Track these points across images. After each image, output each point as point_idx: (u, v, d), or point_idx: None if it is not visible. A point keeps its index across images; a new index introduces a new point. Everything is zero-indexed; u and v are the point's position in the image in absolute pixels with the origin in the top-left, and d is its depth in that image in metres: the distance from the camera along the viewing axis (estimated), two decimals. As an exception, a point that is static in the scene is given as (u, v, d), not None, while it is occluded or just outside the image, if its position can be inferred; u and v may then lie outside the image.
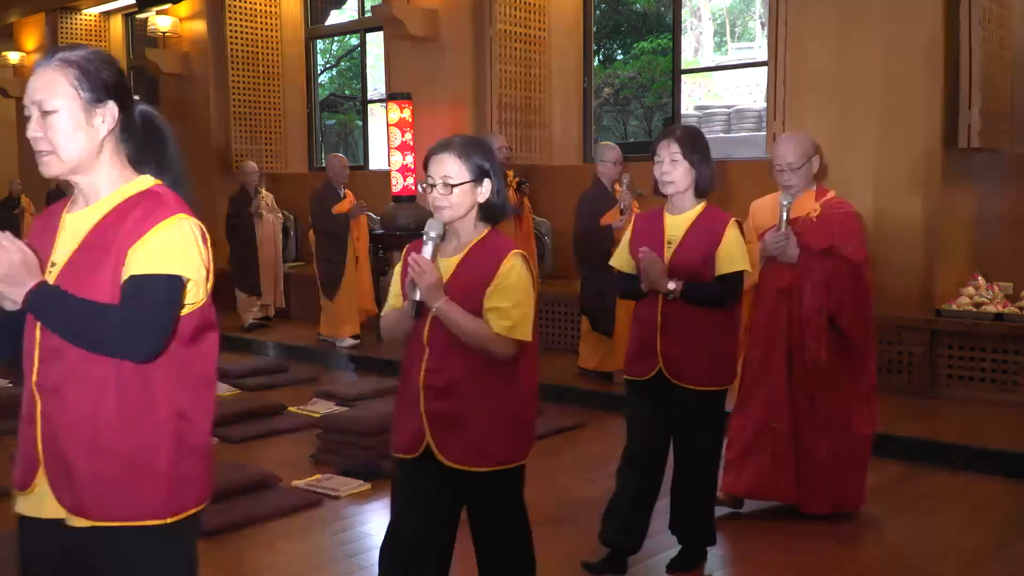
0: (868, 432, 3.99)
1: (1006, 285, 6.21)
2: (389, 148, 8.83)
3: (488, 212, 2.59)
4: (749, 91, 12.05)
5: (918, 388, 5.95)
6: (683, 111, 9.20)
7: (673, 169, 3.30)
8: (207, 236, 1.92)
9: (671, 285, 3.26)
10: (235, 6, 10.58)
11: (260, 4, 10.81)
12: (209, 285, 1.92)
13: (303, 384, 7.02)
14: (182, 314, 1.86)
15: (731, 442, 4.04)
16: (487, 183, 2.55)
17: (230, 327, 8.83)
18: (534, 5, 8.51)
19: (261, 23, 10.82)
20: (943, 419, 5.34)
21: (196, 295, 1.88)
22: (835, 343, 3.89)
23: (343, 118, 14.54)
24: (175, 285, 1.83)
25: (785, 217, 3.85)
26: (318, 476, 4.68)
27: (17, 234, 1.81)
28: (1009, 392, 5.67)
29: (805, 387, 3.91)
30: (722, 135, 11.09)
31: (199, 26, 10.83)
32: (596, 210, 6.24)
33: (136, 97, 2.00)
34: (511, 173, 7.07)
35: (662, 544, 3.72)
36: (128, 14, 12.81)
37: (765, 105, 7.60)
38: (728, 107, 11.32)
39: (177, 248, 1.83)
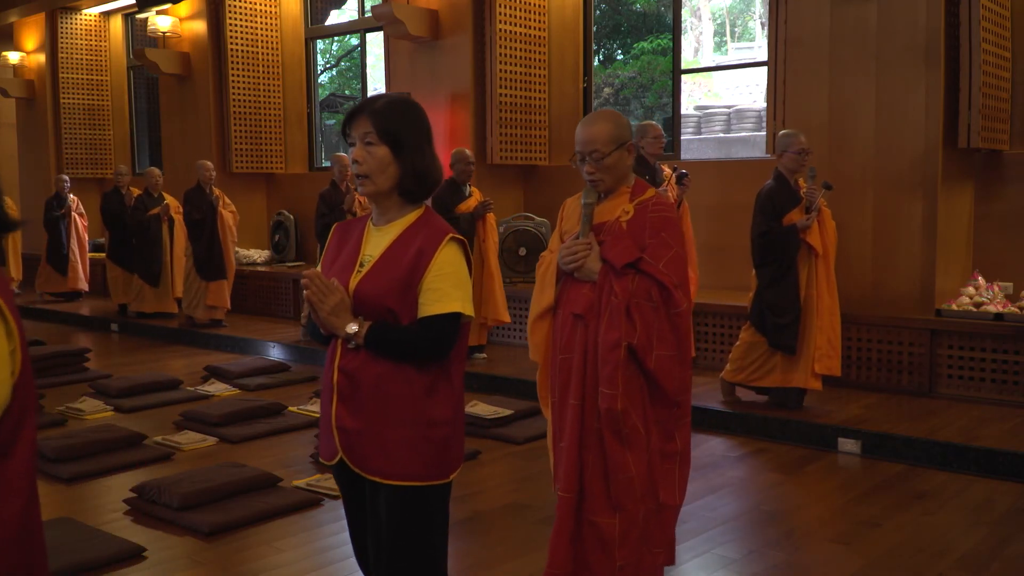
0: (675, 503, 2.88)
1: (1006, 285, 6.21)
2: (389, 148, 8.83)
3: None
4: (749, 91, 12.07)
5: (918, 388, 5.95)
6: (683, 111, 9.20)
7: (366, 157, 2.26)
8: None
9: (351, 327, 2.20)
10: (235, 6, 10.59)
11: (260, 4, 10.81)
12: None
13: (303, 384, 7.02)
14: None
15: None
16: None
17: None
18: (534, 5, 8.51)
19: (261, 23, 10.83)
20: (943, 419, 5.34)
21: None
22: (640, 390, 2.78)
23: (343, 118, 14.56)
24: None
25: (587, 221, 2.85)
26: (318, 476, 4.67)
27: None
28: (1009, 392, 5.67)
29: (598, 444, 2.79)
30: (722, 135, 11.13)
31: (199, 26, 10.83)
32: (777, 208, 5.43)
33: None
34: (667, 166, 6.26)
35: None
36: (128, 14, 12.82)
37: (765, 105, 7.60)
38: (728, 107, 11.34)
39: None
